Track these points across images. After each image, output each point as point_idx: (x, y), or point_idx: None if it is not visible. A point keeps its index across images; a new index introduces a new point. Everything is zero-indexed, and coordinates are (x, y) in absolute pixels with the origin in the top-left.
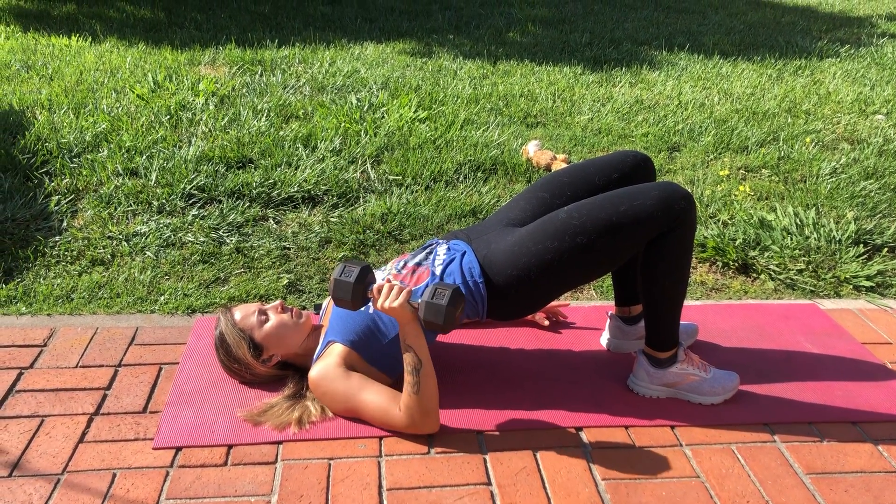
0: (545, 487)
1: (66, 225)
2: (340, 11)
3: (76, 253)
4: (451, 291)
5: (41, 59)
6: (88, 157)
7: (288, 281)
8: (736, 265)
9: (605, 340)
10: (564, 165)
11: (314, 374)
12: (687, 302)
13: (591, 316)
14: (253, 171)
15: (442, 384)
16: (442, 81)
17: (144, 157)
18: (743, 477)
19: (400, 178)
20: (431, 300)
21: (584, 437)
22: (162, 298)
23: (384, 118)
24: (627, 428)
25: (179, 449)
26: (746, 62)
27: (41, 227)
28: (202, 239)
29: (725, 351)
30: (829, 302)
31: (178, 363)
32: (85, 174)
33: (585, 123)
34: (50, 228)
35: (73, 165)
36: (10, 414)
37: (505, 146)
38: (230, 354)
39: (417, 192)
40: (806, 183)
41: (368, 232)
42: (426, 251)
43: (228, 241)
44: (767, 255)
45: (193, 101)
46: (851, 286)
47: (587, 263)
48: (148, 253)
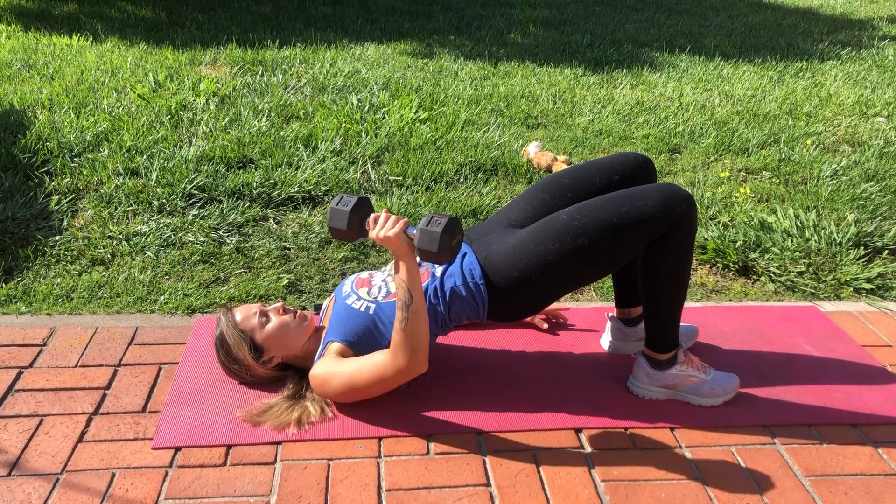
0: (545, 489)
1: (66, 224)
2: (341, 12)
3: (76, 252)
4: (447, 219)
5: (42, 58)
6: (89, 156)
7: (288, 281)
8: (736, 267)
9: (605, 342)
10: (565, 167)
11: (314, 371)
12: (687, 304)
13: (591, 317)
14: (253, 171)
15: (442, 385)
16: (443, 82)
17: (145, 156)
18: (742, 479)
19: (400, 178)
20: (426, 227)
21: (583, 438)
22: (162, 298)
23: (385, 119)
24: (627, 429)
25: (178, 449)
26: (747, 64)
27: (41, 226)
28: (202, 239)
29: (725, 353)
30: (829, 304)
31: (177, 363)
32: (85, 174)
33: (586, 125)
34: (50, 228)
35: (73, 165)
36: (9, 413)
37: (506, 147)
38: (230, 355)
39: (418, 192)
40: (806, 185)
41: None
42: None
43: (228, 241)
44: (768, 257)
45: (194, 101)
46: (852, 288)
47: (588, 265)
48: (148, 253)
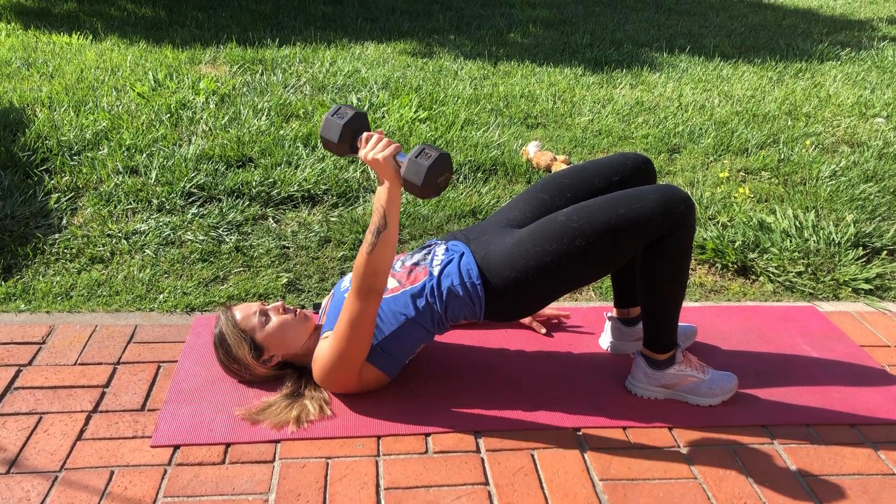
0: (543, 488)
1: (65, 222)
2: (341, 11)
3: (75, 250)
4: (438, 154)
5: (42, 56)
6: (88, 154)
7: (287, 280)
8: (735, 267)
9: (603, 342)
10: (564, 166)
11: (313, 358)
12: (686, 303)
13: (589, 317)
14: (253, 169)
15: (440, 384)
16: (442, 82)
17: (144, 155)
18: (740, 478)
19: None
20: (416, 158)
21: (582, 437)
22: (161, 297)
23: (385, 118)
24: (625, 429)
25: (177, 447)
26: (747, 64)
27: (41, 224)
28: (202, 237)
29: (724, 353)
30: (827, 304)
31: (176, 361)
32: (85, 172)
33: (586, 125)
34: (49, 226)
35: (73, 163)
36: (8, 411)
37: (505, 147)
38: (230, 354)
39: None
40: (805, 185)
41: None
42: (424, 251)
43: (228, 239)
44: (766, 257)
45: (194, 99)
46: (850, 289)
47: (586, 266)
48: (147, 251)
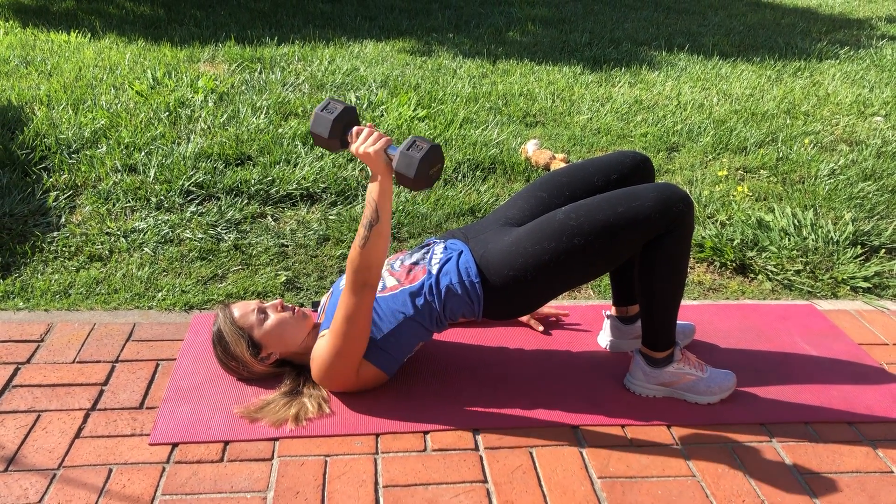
0: (541, 485)
1: (64, 221)
2: (340, 9)
3: (74, 249)
4: (429, 146)
5: (40, 54)
6: (87, 153)
7: (286, 278)
8: (733, 265)
9: (602, 340)
10: (563, 165)
11: (311, 359)
12: (684, 302)
13: (588, 315)
14: (251, 168)
15: (439, 382)
16: (441, 80)
17: (143, 153)
18: (739, 476)
19: None
20: (407, 151)
21: (580, 435)
22: (159, 295)
23: (383, 116)
24: (624, 427)
25: (176, 445)
26: (746, 63)
27: (39, 222)
28: (200, 236)
29: (722, 351)
30: (826, 303)
31: (175, 359)
32: (83, 170)
33: (584, 123)
34: (48, 224)
35: (71, 161)
36: (6, 409)
37: (504, 145)
38: (228, 352)
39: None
40: (804, 184)
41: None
42: (423, 250)
43: (226, 237)
44: (765, 255)
45: (192, 98)
46: (849, 287)
47: (584, 264)
48: (146, 249)
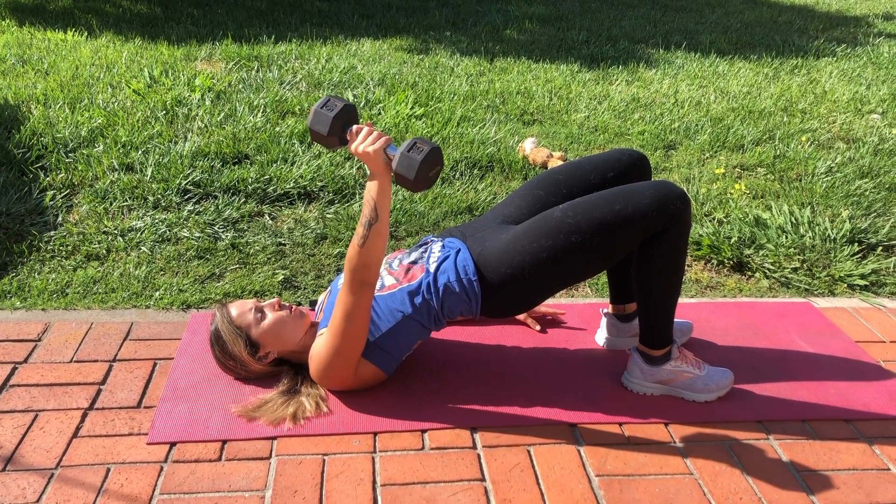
0: (539, 483)
1: (61, 220)
2: (337, 7)
3: (71, 248)
4: (430, 148)
5: (37, 53)
6: (84, 151)
7: (283, 277)
8: (731, 263)
9: (599, 338)
10: (560, 163)
11: (309, 356)
12: (681, 300)
13: (585, 313)
14: (249, 166)
15: (437, 381)
16: (439, 78)
17: (140, 152)
18: (736, 474)
19: None
20: (408, 152)
21: (578, 433)
22: (157, 294)
23: (381, 115)
24: (621, 425)
25: (174, 444)
26: (743, 61)
27: (36, 221)
28: (197, 234)
29: (720, 349)
30: (823, 300)
31: (172, 358)
32: (80, 169)
33: (582, 121)
34: (45, 223)
35: (68, 160)
36: (4, 408)
37: (501, 143)
38: (226, 351)
39: None
40: (801, 181)
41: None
42: (421, 249)
43: (224, 236)
44: (762, 253)
45: (189, 96)
46: (846, 285)
47: (581, 262)
48: (143, 248)
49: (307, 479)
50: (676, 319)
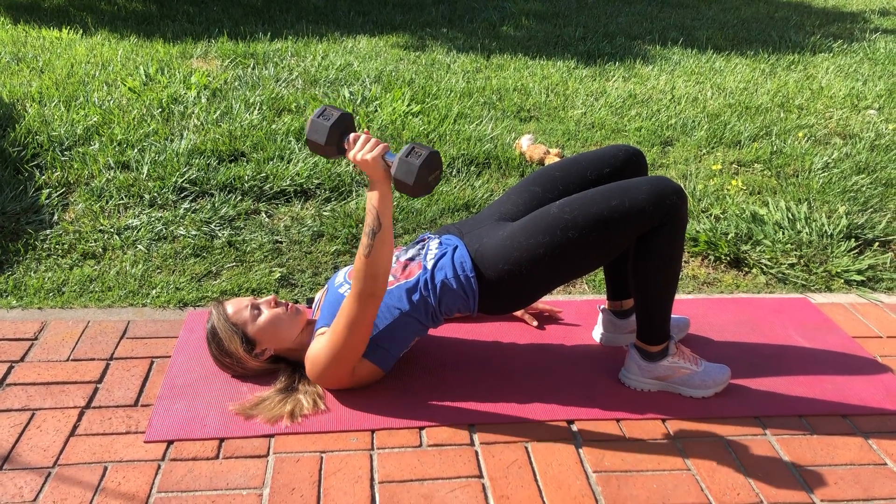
0: (537, 480)
1: (56, 218)
2: (333, 4)
3: (67, 246)
4: (428, 152)
5: (31, 51)
6: (79, 150)
7: (280, 275)
8: (728, 259)
9: (596, 334)
10: (557, 160)
11: (307, 355)
12: (678, 296)
13: (582, 310)
14: (245, 164)
15: (434, 378)
16: (435, 75)
17: (136, 150)
18: (733, 470)
19: None
20: (406, 157)
21: (575, 429)
22: (153, 292)
23: (377, 112)
24: (619, 421)
25: (171, 442)
26: (740, 57)
27: (32, 220)
28: (194, 232)
29: (717, 344)
30: (820, 296)
31: (169, 357)
32: (76, 167)
33: (579, 118)
34: (41, 222)
35: (63, 158)
36: (0, 407)
37: (498, 140)
38: (222, 348)
39: None
40: (798, 177)
41: (361, 226)
42: (418, 246)
43: (220, 234)
44: (759, 249)
45: (185, 94)
46: (842, 280)
47: (578, 258)
48: (139, 246)
49: (305, 476)
50: (673, 315)
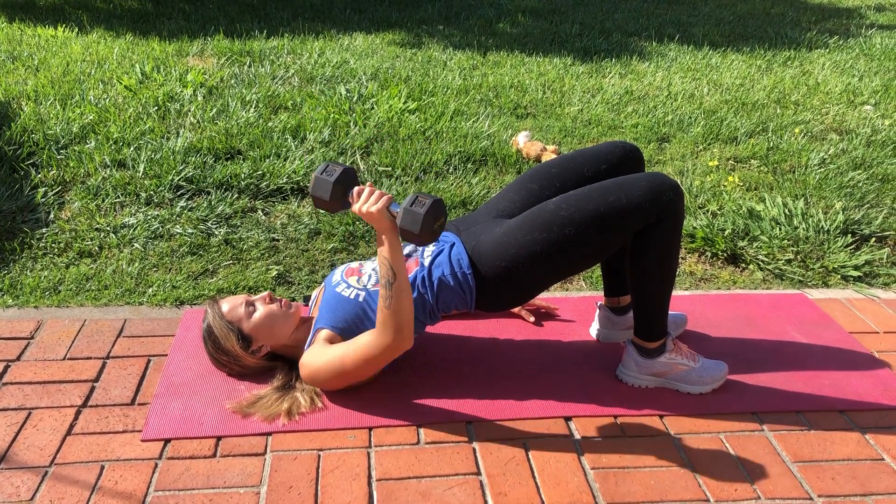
0: (534, 477)
1: (53, 217)
2: (329, 2)
3: (63, 245)
4: (432, 201)
5: (27, 49)
6: (75, 148)
7: (277, 272)
8: (725, 255)
9: (594, 331)
10: (554, 156)
11: (304, 359)
12: (676, 292)
13: (580, 306)
14: (241, 162)
15: (431, 375)
16: (431, 72)
17: (132, 148)
18: (731, 465)
19: (390, 169)
20: (410, 207)
21: (573, 426)
22: (150, 290)
23: (373, 109)
24: (616, 417)
25: (168, 441)
26: (736, 53)
27: (28, 218)
28: (190, 230)
29: (714, 341)
30: (817, 292)
31: (166, 355)
32: (72, 166)
33: (575, 114)
34: (37, 220)
35: (59, 157)
36: None
37: (495, 137)
38: (219, 347)
39: (407, 183)
40: (794, 173)
41: (358, 223)
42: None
43: (217, 232)
44: (756, 245)
45: (181, 92)
46: (839, 276)
47: (576, 255)
48: (136, 245)
49: (302, 474)
50: (671, 312)
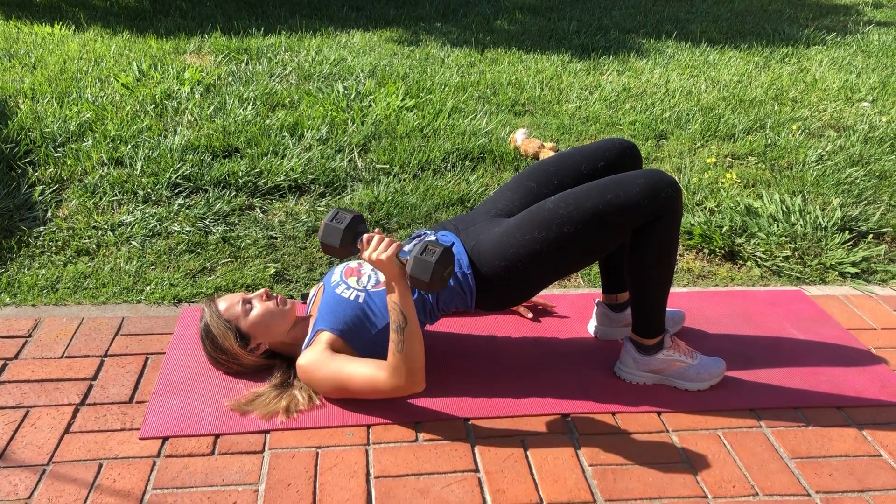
0: (532, 474)
1: (50, 215)
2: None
3: (61, 243)
4: (441, 249)
5: (24, 47)
6: (73, 146)
7: (275, 270)
8: (722, 252)
9: (592, 328)
10: (552, 153)
11: (302, 361)
12: (673, 289)
13: (578, 303)
14: (239, 160)
15: (430, 373)
16: (429, 69)
17: (129, 146)
18: (729, 462)
19: (387, 166)
20: (420, 255)
21: (571, 423)
22: (148, 288)
23: (371, 106)
24: (614, 414)
25: (166, 439)
26: (733, 50)
27: (25, 217)
28: (188, 228)
29: (712, 337)
30: (814, 288)
31: (164, 353)
32: (69, 164)
33: (573, 111)
34: (34, 218)
35: (57, 155)
36: None
37: (493, 134)
38: (216, 345)
39: (405, 180)
40: (792, 170)
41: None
42: (414, 242)
43: (215, 230)
44: (754, 242)
45: (179, 89)
46: (837, 273)
47: (574, 253)
48: (133, 243)
49: (301, 472)
50: (669, 309)
